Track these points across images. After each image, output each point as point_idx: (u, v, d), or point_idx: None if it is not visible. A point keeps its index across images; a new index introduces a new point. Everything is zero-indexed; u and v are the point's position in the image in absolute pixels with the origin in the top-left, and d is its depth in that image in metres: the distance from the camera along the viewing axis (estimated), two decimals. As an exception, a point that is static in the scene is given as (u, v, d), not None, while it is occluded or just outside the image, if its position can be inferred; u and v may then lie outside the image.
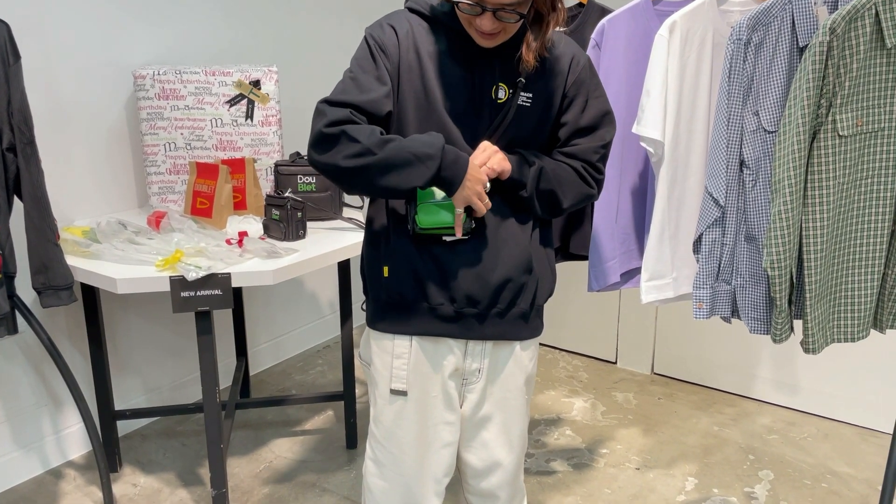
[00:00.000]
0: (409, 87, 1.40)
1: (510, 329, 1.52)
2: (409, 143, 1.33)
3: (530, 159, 1.44)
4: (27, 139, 1.86)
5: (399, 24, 1.42)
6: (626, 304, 3.18)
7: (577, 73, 1.46)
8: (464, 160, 1.35)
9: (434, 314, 1.47)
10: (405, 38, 1.40)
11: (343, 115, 1.32)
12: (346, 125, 1.31)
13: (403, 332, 1.50)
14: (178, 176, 2.41)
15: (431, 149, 1.32)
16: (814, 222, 1.62)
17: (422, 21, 1.43)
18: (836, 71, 1.55)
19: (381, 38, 1.40)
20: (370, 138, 1.31)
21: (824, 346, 1.72)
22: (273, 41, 2.97)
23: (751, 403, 2.93)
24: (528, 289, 1.50)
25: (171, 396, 2.81)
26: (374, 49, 1.39)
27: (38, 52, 2.22)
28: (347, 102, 1.34)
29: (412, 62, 1.40)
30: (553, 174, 1.45)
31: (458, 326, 1.48)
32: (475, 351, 1.52)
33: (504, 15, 1.30)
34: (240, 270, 1.90)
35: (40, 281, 1.92)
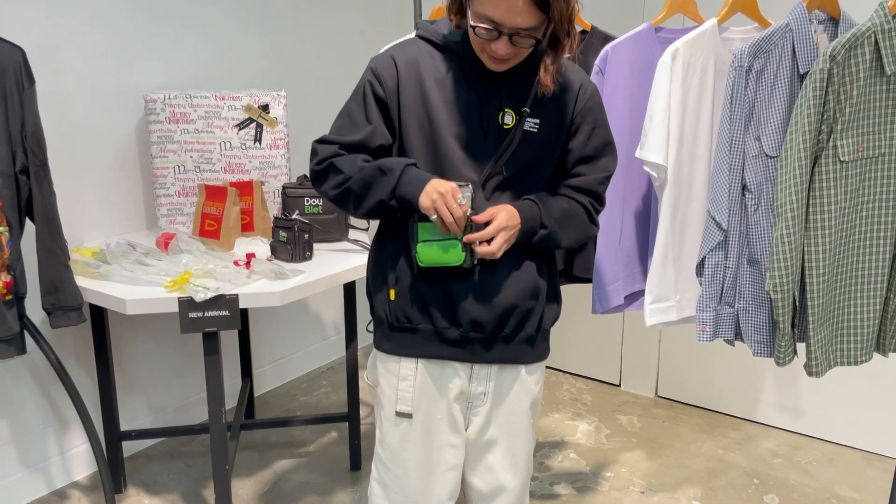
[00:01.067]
0: (411, 114, 1.43)
1: (516, 353, 1.53)
2: (380, 161, 1.41)
3: (543, 221, 1.44)
4: (40, 162, 1.89)
5: (401, 54, 1.45)
6: (629, 326, 3.18)
7: (584, 100, 1.48)
8: (424, 178, 1.37)
9: (440, 338, 1.49)
10: (407, 68, 1.43)
11: (329, 151, 1.45)
12: (334, 158, 1.44)
13: (409, 355, 1.51)
14: (187, 198, 2.44)
15: (396, 166, 1.38)
16: (816, 246, 1.64)
17: (431, 48, 1.46)
18: (837, 98, 1.58)
19: (378, 70, 1.44)
20: (352, 166, 1.41)
21: (827, 369, 1.73)
22: (282, 66, 3.02)
23: (755, 427, 2.92)
24: (534, 314, 1.52)
25: (176, 417, 2.81)
26: (370, 83, 1.44)
27: (52, 77, 2.26)
28: (335, 142, 1.45)
29: (414, 90, 1.42)
30: (560, 224, 1.46)
31: (464, 350, 1.50)
32: (480, 374, 1.53)
33: (519, 40, 1.32)
34: (247, 291, 1.91)
35: (50, 301, 1.94)
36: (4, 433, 2.31)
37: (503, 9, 1.27)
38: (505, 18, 1.28)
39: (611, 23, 2.24)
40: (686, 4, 1.99)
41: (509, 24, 1.29)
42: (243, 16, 2.83)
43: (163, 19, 2.56)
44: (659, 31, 1.99)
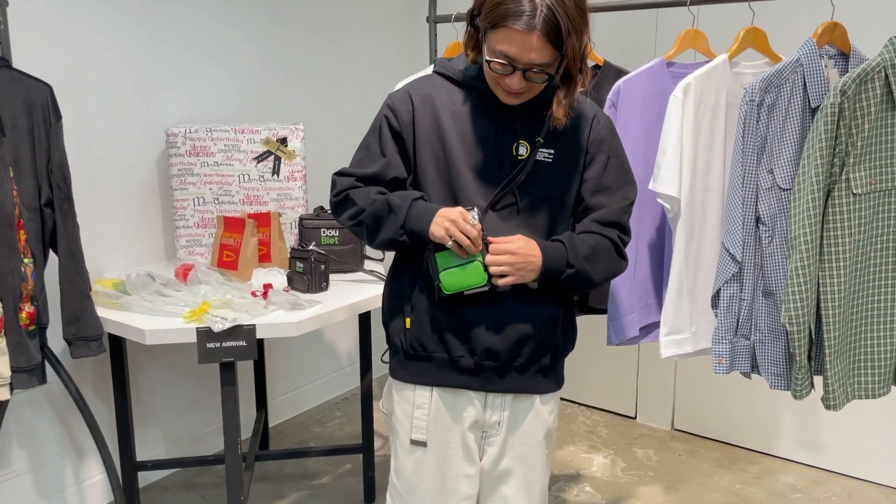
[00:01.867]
0: (426, 146, 1.47)
1: (530, 382, 1.54)
2: (389, 196, 1.45)
3: (570, 260, 1.44)
4: (65, 195, 1.94)
5: (418, 89, 1.50)
6: (645, 358, 3.17)
7: (598, 131, 1.51)
8: (431, 209, 1.41)
9: (454, 366, 1.50)
10: (422, 102, 1.48)
11: (346, 184, 1.52)
12: (350, 190, 1.50)
13: (424, 383, 1.53)
14: (206, 229, 2.48)
15: (403, 202, 1.43)
16: (831, 278, 1.64)
17: (448, 83, 1.51)
18: (849, 131, 1.60)
19: (395, 105, 1.49)
20: (365, 199, 1.47)
21: (845, 402, 1.72)
22: (300, 100, 3.07)
23: (773, 461, 2.89)
24: (550, 343, 1.52)
25: (191, 447, 2.82)
26: (386, 117, 1.50)
27: (77, 112, 2.32)
28: (352, 174, 1.52)
29: (429, 123, 1.47)
30: (589, 261, 1.46)
31: (478, 379, 1.51)
32: (495, 403, 1.54)
33: (533, 75, 1.35)
34: (264, 322, 1.93)
35: (71, 332, 1.97)
36: (23, 463, 2.33)
37: (518, 46, 1.31)
38: (519, 55, 1.32)
39: (623, 58, 2.27)
40: (697, 40, 2.02)
41: (523, 60, 1.33)
42: (262, 51, 2.89)
43: (184, 55, 2.62)
44: (671, 66, 2.02)
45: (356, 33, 3.28)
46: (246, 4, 2.81)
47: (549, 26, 1.29)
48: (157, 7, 2.52)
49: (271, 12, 2.90)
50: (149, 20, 2.50)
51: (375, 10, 3.37)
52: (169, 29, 2.56)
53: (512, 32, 1.30)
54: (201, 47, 2.68)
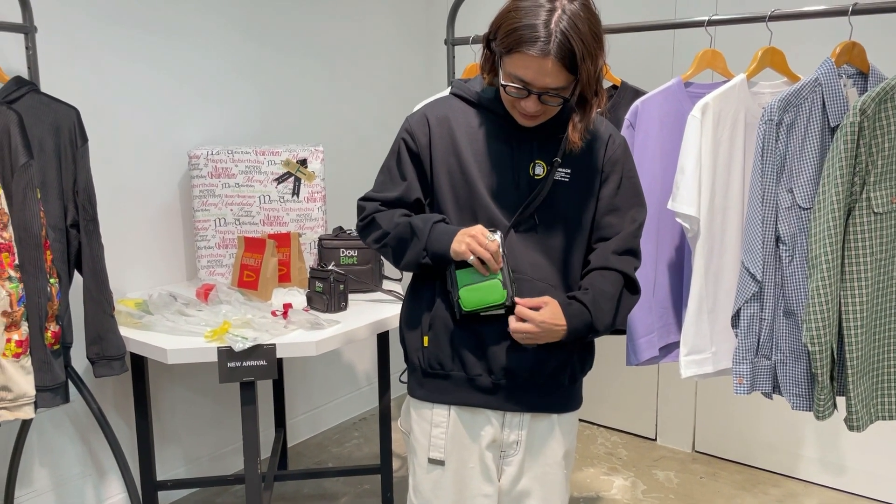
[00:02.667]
0: (442, 167, 1.50)
1: (548, 401, 1.54)
2: (412, 220, 1.48)
3: (595, 326, 1.46)
4: (90, 216, 1.97)
5: (434, 111, 1.52)
6: (665, 378, 3.15)
7: (613, 150, 1.52)
8: (451, 230, 1.44)
9: (472, 385, 1.51)
10: (438, 124, 1.50)
11: (371, 208, 1.57)
12: (376, 214, 1.55)
13: (442, 402, 1.54)
14: (227, 250, 2.50)
15: (424, 225, 1.46)
16: (853, 297, 1.63)
17: (464, 105, 1.53)
18: (869, 150, 1.59)
19: (412, 128, 1.53)
20: (390, 222, 1.51)
21: (869, 423, 1.70)
22: (319, 122, 3.11)
23: (797, 484, 2.84)
24: (568, 363, 1.53)
25: (210, 467, 2.83)
26: (404, 140, 1.53)
27: (103, 135, 2.37)
28: (376, 199, 1.56)
29: (446, 145, 1.49)
30: (613, 317, 1.48)
31: (496, 398, 1.51)
32: (513, 422, 1.54)
33: (548, 99, 1.37)
34: (284, 341, 1.95)
35: (95, 351, 2.00)
36: (45, 481, 2.35)
37: (533, 70, 1.33)
38: (535, 79, 1.34)
39: (641, 78, 2.28)
40: (715, 60, 2.03)
41: (539, 84, 1.35)
42: (283, 74, 2.94)
43: (206, 79, 2.67)
44: (688, 87, 2.02)
45: (375, 56, 3.33)
46: (267, 29, 2.86)
47: (564, 52, 1.30)
48: (180, 33, 2.57)
49: (292, 36, 2.95)
50: (172, 46, 2.55)
51: (394, 33, 3.42)
52: (192, 54, 2.61)
53: (527, 58, 1.32)
54: (223, 71, 2.72)
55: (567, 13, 1.30)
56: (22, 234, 1.78)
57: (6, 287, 1.73)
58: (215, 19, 2.68)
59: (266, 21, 2.85)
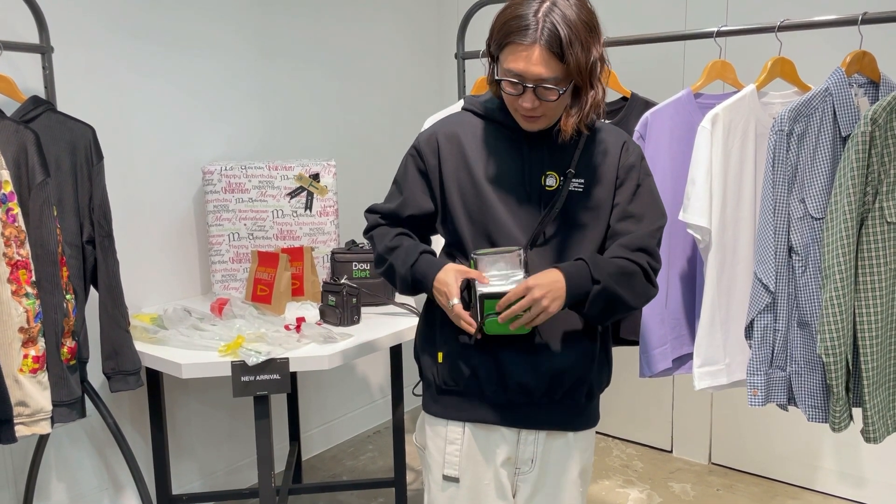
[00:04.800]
0: (453, 184, 1.49)
1: (564, 419, 1.52)
2: (401, 251, 1.51)
3: (594, 276, 1.38)
4: (105, 232, 2.00)
5: (444, 128, 1.53)
6: (680, 390, 3.12)
7: (627, 157, 1.50)
8: (431, 274, 1.45)
9: (487, 402, 1.50)
10: (448, 140, 1.51)
11: (372, 221, 1.61)
12: (375, 230, 1.59)
13: (457, 418, 1.52)
14: (241, 264, 2.52)
15: (409, 259, 1.49)
16: (867, 308, 1.62)
17: (475, 119, 1.53)
18: (881, 160, 1.59)
19: (420, 146, 1.54)
20: (384, 245, 1.55)
21: (886, 434, 1.68)
22: (332, 136, 3.14)
23: (815, 496, 2.81)
24: (585, 379, 1.51)
25: (226, 481, 2.84)
26: (411, 157, 1.55)
27: (118, 152, 2.40)
28: (377, 211, 1.60)
29: (456, 161, 1.50)
30: (617, 280, 1.40)
31: (511, 415, 1.50)
32: (528, 440, 1.53)
33: (543, 92, 1.36)
34: (297, 355, 1.96)
35: (110, 366, 2.02)
36: (62, 495, 2.37)
37: (523, 61, 1.33)
38: (526, 69, 1.34)
39: (651, 90, 2.28)
40: (724, 71, 2.03)
41: (530, 75, 1.34)
42: (295, 90, 2.97)
43: (220, 96, 2.70)
44: (698, 97, 2.02)
45: (386, 70, 3.35)
46: (279, 45, 2.89)
47: (552, 38, 1.31)
48: (193, 50, 2.61)
49: (303, 52, 2.98)
50: (185, 63, 2.59)
51: (405, 48, 3.44)
52: (205, 71, 2.65)
53: (517, 48, 1.33)
54: (236, 87, 2.76)
55: (557, 5, 1.32)
56: (39, 251, 1.80)
57: (23, 303, 1.75)
58: (228, 36, 2.71)
59: (279, 37, 2.89)
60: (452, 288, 1.41)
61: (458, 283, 1.42)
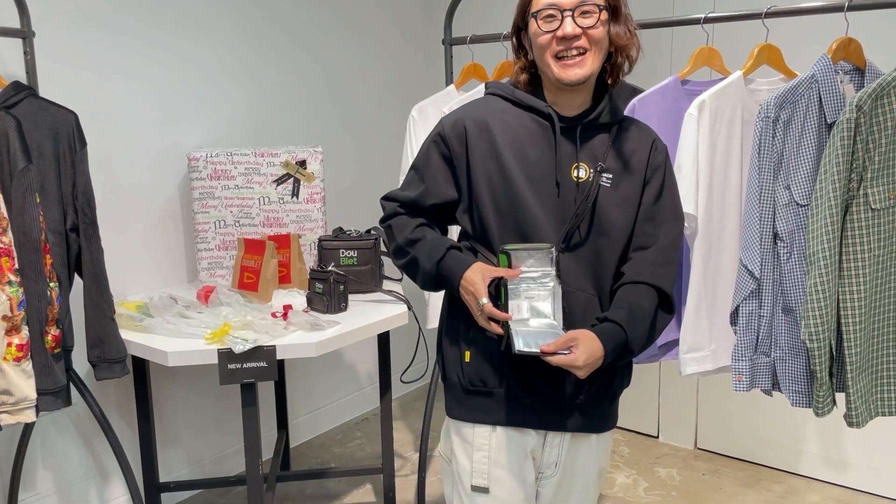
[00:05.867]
0: (482, 175, 1.41)
1: (590, 421, 1.48)
2: (425, 245, 1.43)
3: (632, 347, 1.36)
4: (89, 220, 1.98)
5: (472, 114, 1.45)
6: (666, 376, 3.15)
7: (656, 157, 1.45)
8: (458, 272, 1.38)
9: (516, 403, 1.44)
10: (478, 128, 1.42)
11: (390, 210, 1.52)
12: (393, 219, 1.51)
13: (484, 422, 1.45)
14: (227, 252, 2.51)
15: (435, 254, 1.41)
16: (851, 294, 1.63)
17: (504, 104, 1.46)
18: (865, 146, 1.59)
19: (445, 131, 1.45)
20: (404, 236, 1.47)
21: (868, 419, 1.70)
22: (318, 123, 3.12)
23: (799, 480, 2.84)
24: (611, 383, 1.48)
25: (213, 468, 2.84)
26: (435, 143, 1.47)
27: (102, 139, 2.38)
28: (395, 199, 1.51)
29: (485, 151, 1.41)
30: (648, 338, 1.40)
31: (539, 417, 1.45)
32: (553, 442, 1.48)
33: (582, 19, 1.32)
34: (284, 343, 1.95)
35: (96, 354, 2.00)
36: (48, 484, 2.36)
37: None
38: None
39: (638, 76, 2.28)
40: (711, 58, 2.03)
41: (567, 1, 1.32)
42: (281, 76, 2.94)
43: (205, 82, 2.68)
44: (685, 84, 2.02)
45: (373, 56, 3.33)
46: (265, 30, 2.86)
47: None
48: (177, 35, 2.58)
49: (289, 38, 2.96)
50: (170, 48, 2.56)
51: (392, 34, 3.42)
52: (190, 56, 2.62)
53: None
54: (221, 73, 2.73)
55: None
56: (21, 239, 1.79)
57: (6, 291, 1.74)
58: (213, 21, 2.68)
59: (264, 23, 2.86)
60: (481, 288, 1.35)
61: (486, 282, 1.35)
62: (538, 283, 1.36)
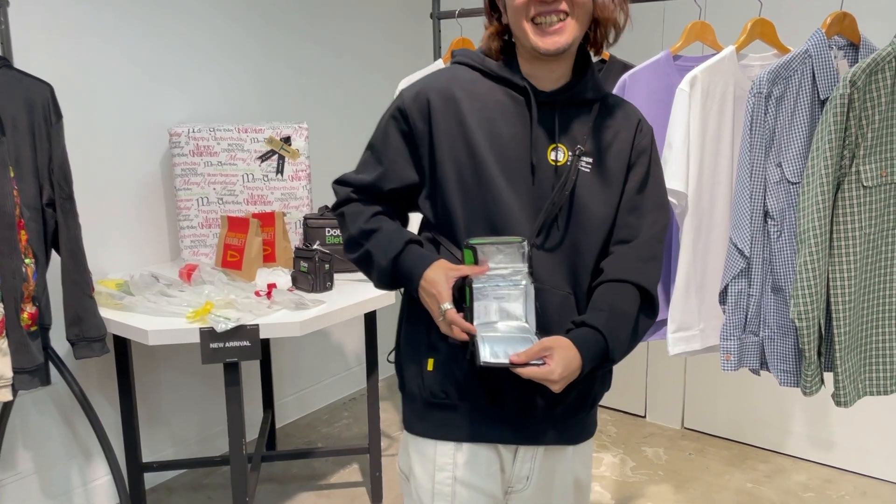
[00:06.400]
0: (448, 156, 1.25)
1: (566, 433, 1.33)
2: (381, 237, 1.27)
3: (612, 356, 1.22)
4: (66, 195, 1.93)
5: (436, 85, 1.28)
6: (654, 356, 3.14)
7: (641, 139, 1.30)
8: (417, 271, 1.22)
9: (483, 417, 1.29)
10: (444, 103, 1.26)
11: (343, 195, 1.34)
12: (346, 206, 1.34)
13: (447, 438, 1.30)
14: (210, 230, 2.47)
15: (391, 248, 1.25)
16: (841, 273, 1.61)
17: (473, 74, 1.29)
18: (858, 123, 1.57)
19: (406, 105, 1.28)
20: (358, 226, 1.30)
21: (856, 399, 1.69)
22: (303, 98, 3.06)
23: (785, 459, 2.85)
24: (591, 390, 1.33)
25: (198, 448, 2.81)
26: (394, 119, 1.30)
27: (79, 111, 2.32)
28: (350, 183, 1.34)
29: (453, 128, 1.25)
30: (630, 344, 1.27)
31: (509, 431, 1.30)
32: (525, 457, 1.33)
33: None
34: (268, 322, 1.92)
35: (74, 333, 1.97)
36: (28, 464, 2.33)
37: None
38: None
39: (629, 52, 2.25)
40: (704, 32, 1.99)
41: None
42: (265, 50, 2.88)
43: (187, 55, 2.62)
44: (677, 60, 1.99)
45: (360, 31, 3.27)
46: (250, 4, 2.80)
47: None
48: (160, 5, 2.51)
49: (274, 11, 2.89)
50: (151, 20, 2.49)
51: (379, 8, 3.36)
52: (172, 28, 2.56)
53: None
54: (204, 47, 2.67)
55: None
56: (-5, 214, 1.74)
57: (-20, 268, 1.70)
58: (195, -7, 2.62)
59: (248, -5, 2.80)
60: (443, 290, 1.18)
61: (450, 283, 1.19)
62: (508, 281, 1.21)
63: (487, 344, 1.15)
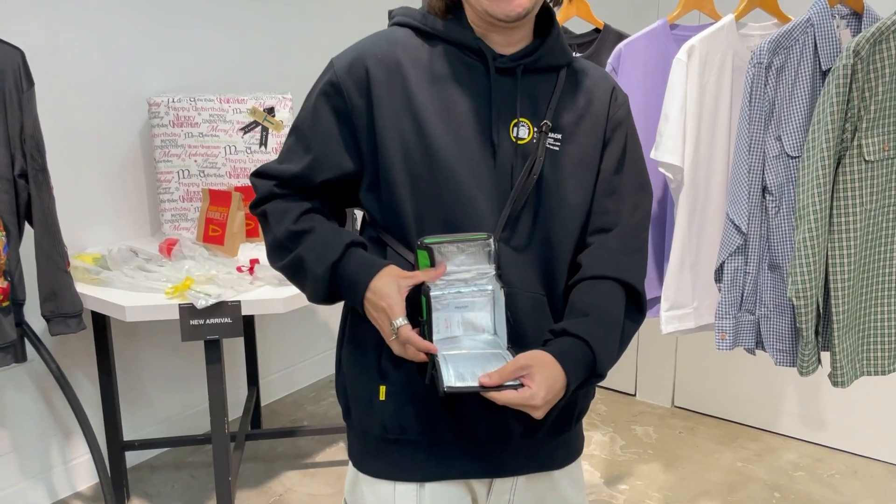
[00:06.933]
0: (393, 135, 1.05)
1: (547, 458, 1.16)
2: (315, 240, 1.06)
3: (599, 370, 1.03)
4: (39, 166, 1.86)
5: (375, 53, 1.08)
6: (645, 334, 3.11)
7: (616, 110, 1.14)
8: (362, 281, 1.02)
9: (449, 451, 1.10)
10: (387, 73, 1.07)
11: (265, 190, 1.11)
12: (268, 204, 1.11)
13: (407, 479, 1.09)
14: (191, 203, 2.40)
15: (328, 253, 1.05)
16: (840, 250, 1.57)
17: (418, 40, 1.09)
18: (861, 94, 1.51)
19: (340, 77, 1.09)
20: (284, 228, 1.08)
21: (854, 378, 1.66)
22: (287, 68, 2.98)
23: (776, 438, 2.84)
24: (574, 407, 1.15)
25: (181, 427, 2.77)
26: (325, 95, 1.10)
27: (54, 80, 2.23)
28: (272, 175, 1.11)
29: (398, 102, 1.06)
30: (619, 352, 1.09)
31: (481, 465, 1.11)
32: (503, 489, 1.15)
33: None
34: (250, 298, 1.87)
35: (49, 308, 1.90)
36: (5, 443, 2.27)
37: None
38: None
39: (625, 21, 2.18)
40: (702, 1, 1.93)
41: None
42: (248, 18, 2.79)
43: (166, 21, 2.52)
44: (674, 29, 1.93)
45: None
46: (232, -31, 2.71)
47: None
48: (138, -29, 2.42)
49: (259, -23, 2.80)
50: (129, -16, 2.40)
51: (368, -23, 3.27)
52: (151, -6, 2.46)
53: None
54: (185, 13, 2.57)
55: None
56: (-37, 185, 1.67)
57: (-53, 241, 1.63)
58: (175, -42, 2.52)
59: (230, -39, 2.70)
60: (395, 304, 0.99)
61: (403, 294, 1.00)
62: (472, 285, 1.03)
63: (451, 364, 0.97)
